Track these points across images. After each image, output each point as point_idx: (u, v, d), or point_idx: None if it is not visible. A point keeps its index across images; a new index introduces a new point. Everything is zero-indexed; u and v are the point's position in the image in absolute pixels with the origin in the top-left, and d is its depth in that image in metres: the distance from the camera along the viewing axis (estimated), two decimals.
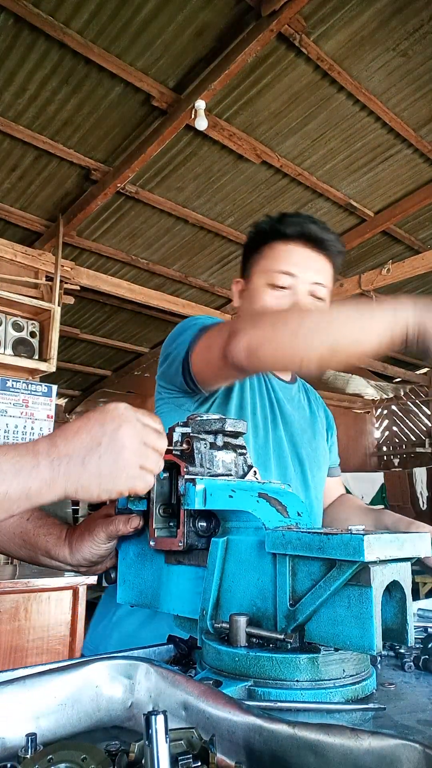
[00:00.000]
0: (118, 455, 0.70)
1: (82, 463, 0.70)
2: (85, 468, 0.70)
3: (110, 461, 0.70)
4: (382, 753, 0.43)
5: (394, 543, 0.60)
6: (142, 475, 0.73)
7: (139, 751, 0.46)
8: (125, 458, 0.71)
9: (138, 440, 0.72)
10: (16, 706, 0.56)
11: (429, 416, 8.12)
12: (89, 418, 0.73)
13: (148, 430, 0.73)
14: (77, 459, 0.70)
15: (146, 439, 0.72)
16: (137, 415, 0.73)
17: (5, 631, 2.62)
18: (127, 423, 0.72)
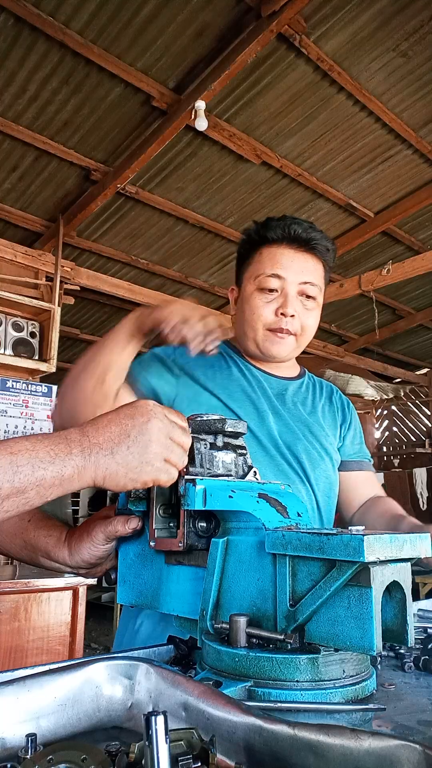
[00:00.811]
0: (146, 447, 0.74)
1: (111, 452, 0.73)
2: (114, 458, 0.73)
3: (138, 452, 0.73)
4: (382, 753, 0.43)
5: (394, 543, 0.60)
6: (166, 468, 0.75)
7: (139, 751, 0.46)
8: (152, 450, 0.74)
9: (165, 434, 0.75)
10: (16, 706, 0.56)
11: (429, 417, 8.12)
12: (119, 412, 0.76)
13: (175, 426, 0.77)
14: (107, 449, 0.73)
15: (173, 434, 0.76)
16: (165, 411, 0.77)
17: (5, 631, 2.62)
18: (155, 418, 0.75)
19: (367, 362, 6.88)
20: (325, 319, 6.05)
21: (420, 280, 5.19)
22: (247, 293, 1.33)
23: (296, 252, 1.30)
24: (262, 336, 1.31)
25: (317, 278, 1.32)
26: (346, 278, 4.97)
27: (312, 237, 1.29)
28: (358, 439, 1.48)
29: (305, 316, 1.32)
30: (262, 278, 1.29)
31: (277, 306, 1.29)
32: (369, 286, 4.53)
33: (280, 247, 1.30)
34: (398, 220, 4.35)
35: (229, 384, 1.31)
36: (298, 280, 1.29)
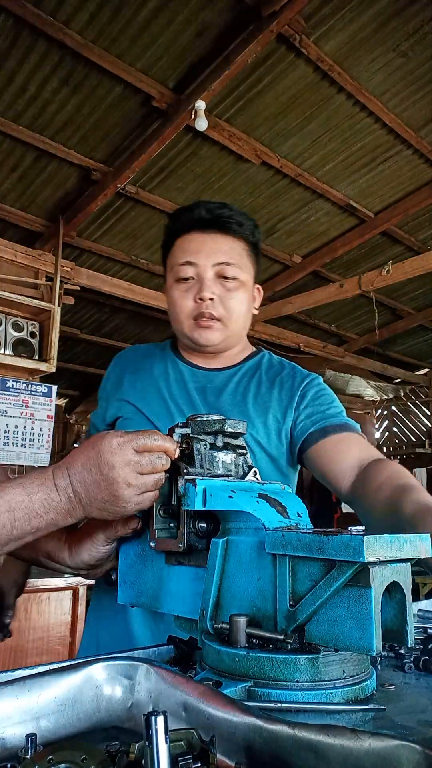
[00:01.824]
0: (118, 492, 0.77)
1: (90, 498, 0.78)
2: (93, 502, 0.78)
3: (112, 498, 0.77)
4: (383, 754, 0.43)
5: (394, 544, 0.60)
6: (143, 499, 0.79)
7: (139, 751, 0.46)
8: (125, 494, 0.77)
9: (133, 473, 0.76)
10: (16, 706, 0.56)
11: (429, 417, 8.12)
12: (89, 456, 0.78)
13: (142, 458, 0.77)
14: (86, 494, 0.78)
15: (141, 468, 0.77)
16: (131, 445, 0.77)
17: None
18: (121, 463, 0.76)
19: (367, 362, 6.87)
20: (324, 319, 6.06)
21: (420, 280, 5.19)
22: (168, 287, 1.32)
23: (206, 235, 1.26)
24: (189, 326, 1.27)
25: (234, 257, 1.27)
26: (346, 278, 4.97)
27: (219, 215, 1.26)
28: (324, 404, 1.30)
29: (227, 298, 1.26)
30: (176, 268, 1.27)
31: (195, 293, 1.25)
32: (369, 286, 4.53)
33: (190, 234, 1.27)
34: (398, 220, 4.35)
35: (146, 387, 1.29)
36: (211, 262, 1.25)
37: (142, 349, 1.42)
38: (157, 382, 1.30)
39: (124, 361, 1.39)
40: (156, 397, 1.28)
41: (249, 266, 1.32)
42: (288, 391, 1.31)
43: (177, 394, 1.28)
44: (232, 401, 1.28)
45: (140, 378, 1.32)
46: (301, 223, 4.37)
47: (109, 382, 1.36)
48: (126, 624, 1.14)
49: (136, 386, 1.30)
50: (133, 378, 1.32)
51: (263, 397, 1.29)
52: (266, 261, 4.84)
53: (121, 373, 1.35)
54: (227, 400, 1.28)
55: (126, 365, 1.37)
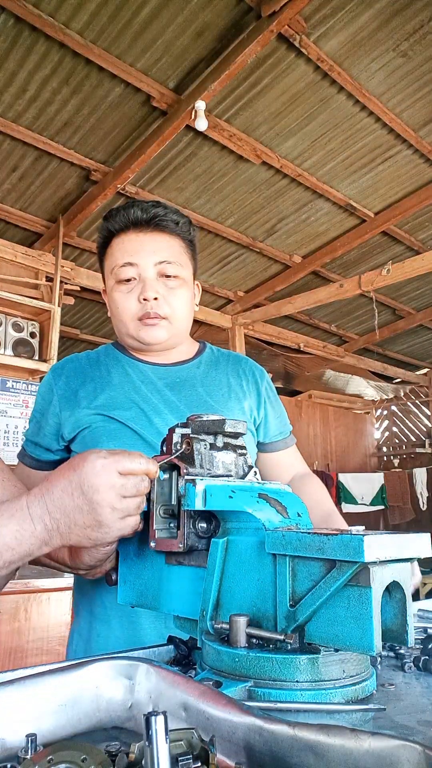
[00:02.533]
0: (101, 517, 0.74)
1: (70, 525, 0.75)
2: (73, 529, 0.75)
3: (94, 523, 0.74)
4: (383, 754, 0.43)
5: (394, 543, 0.60)
6: (126, 524, 0.77)
7: (139, 751, 0.46)
8: (107, 518, 0.74)
9: (117, 497, 0.74)
10: (16, 706, 0.56)
11: (429, 417, 8.12)
12: (70, 480, 0.75)
13: (126, 481, 0.75)
14: (65, 521, 0.75)
15: (125, 491, 0.75)
16: (115, 466, 0.74)
17: (5, 631, 2.62)
18: (104, 486, 0.73)
19: (367, 362, 6.87)
20: (324, 319, 6.06)
21: (420, 280, 5.19)
22: (109, 289, 1.30)
23: (143, 234, 1.26)
24: (134, 327, 1.26)
25: (173, 255, 1.28)
26: (346, 278, 4.97)
27: (154, 215, 1.25)
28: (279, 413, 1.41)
29: (170, 296, 1.26)
30: (116, 270, 1.26)
31: (138, 293, 1.24)
32: (369, 286, 4.53)
33: (127, 234, 1.26)
34: (398, 220, 4.36)
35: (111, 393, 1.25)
36: (152, 262, 1.25)
37: (83, 358, 1.36)
38: (121, 386, 1.27)
39: (69, 372, 1.31)
40: (126, 400, 1.24)
41: (188, 263, 1.34)
42: (252, 384, 1.38)
43: (148, 393, 1.26)
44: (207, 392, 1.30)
45: (99, 386, 1.27)
46: (301, 223, 4.37)
47: (56, 395, 1.28)
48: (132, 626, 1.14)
49: (99, 394, 1.25)
50: (92, 387, 1.27)
51: (234, 387, 1.35)
52: (266, 261, 4.84)
53: (69, 384, 1.28)
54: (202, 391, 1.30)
55: (72, 376, 1.30)
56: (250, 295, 5.26)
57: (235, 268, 4.74)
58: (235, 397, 1.33)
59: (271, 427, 1.38)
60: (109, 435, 1.20)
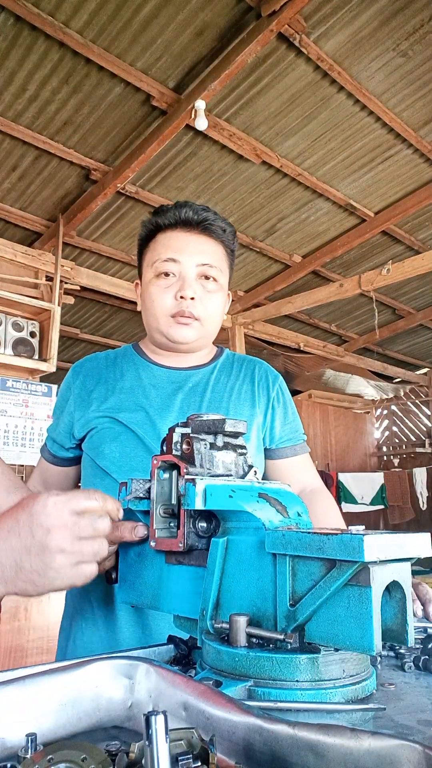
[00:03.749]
0: (51, 561, 0.68)
1: (16, 569, 0.69)
2: (19, 574, 0.69)
3: (42, 567, 0.68)
4: (382, 753, 0.43)
5: (394, 543, 0.60)
6: (79, 572, 0.71)
7: (139, 751, 0.46)
8: (58, 562, 0.68)
9: (71, 539, 0.69)
10: (16, 706, 0.56)
11: (429, 416, 8.12)
12: (18, 520, 0.69)
13: (82, 522, 0.70)
14: (11, 565, 0.68)
15: (81, 532, 0.69)
16: (68, 506, 0.69)
17: (5, 631, 2.62)
18: (56, 526, 0.68)
19: (367, 362, 6.87)
20: (324, 318, 6.06)
21: (420, 280, 5.19)
22: (146, 282, 1.30)
23: (190, 234, 1.27)
24: (165, 323, 1.27)
25: (216, 260, 1.29)
26: (346, 278, 4.97)
27: (204, 218, 1.27)
28: (290, 419, 1.39)
29: (207, 299, 1.28)
30: (158, 264, 1.26)
31: (176, 290, 1.25)
32: (369, 286, 4.53)
33: (174, 231, 1.27)
34: (398, 219, 4.35)
35: (121, 396, 1.27)
36: (195, 262, 1.26)
37: (102, 357, 1.38)
38: (132, 389, 1.28)
39: (86, 372, 1.33)
40: (133, 403, 1.25)
41: (226, 271, 1.35)
42: (264, 390, 1.37)
43: (156, 397, 1.27)
44: (221, 396, 1.31)
45: (111, 388, 1.28)
46: (301, 222, 4.37)
47: (73, 394, 1.30)
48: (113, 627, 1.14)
49: (109, 397, 1.27)
50: (104, 389, 1.28)
51: (245, 392, 1.35)
52: (266, 261, 4.84)
53: (84, 384, 1.31)
54: (211, 397, 1.30)
55: (89, 376, 1.32)
56: (250, 294, 5.26)
57: (235, 267, 4.71)
58: (244, 402, 1.33)
59: (278, 432, 1.36)
60: (112, 437, 1.21)
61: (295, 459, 1.38)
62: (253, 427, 1.32)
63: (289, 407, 1.40)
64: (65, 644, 1.22)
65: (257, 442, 1.33)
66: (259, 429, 1.33)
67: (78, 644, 1.17)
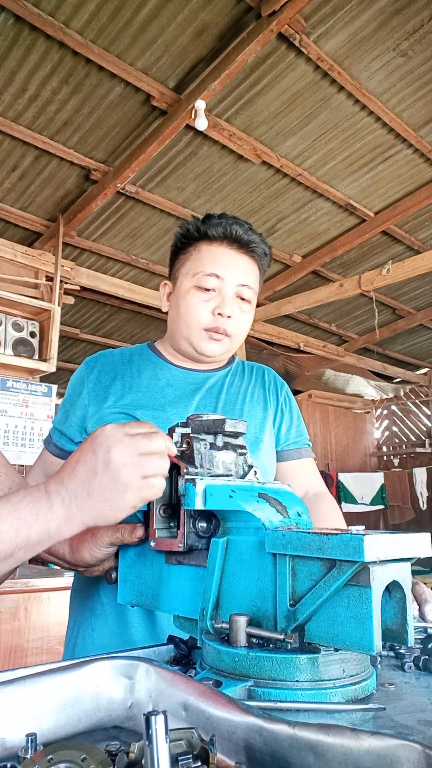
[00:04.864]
0: (117, 476, 0.72)
1: (88, 494, 0.72)
2: (92, 497, 0.72)
3: (111, 484, 0.72)
4: (382, 753, 0.43)
5: (394, 543, 0.60)
6: (147, 484, 0.74)
7: (139, 751, 0.46)
8: (125, 476, 0.72)
9: (131, 454, 0.72)
10: (16, 706, 0.56)
11: (429, 416, 8.12)
12: (83, 448, 0.74)
13: (139, 439, 0.74)
14: (82, 492, 0.72)
15: (140, 449, 0.73)
16: (124, 429, 0.74)
17: (5, 631, 2.62)
18: (116, 443, 0.72)
19: (367, 362, 6.87)
20: (324, 318, 6.06)
21: (420, 280, 5.19)
22: (183, 290, 1.30)
23: (236, 253, 1.28)
24: (198, 335, 1.29)
25: (253, 281, 1.31)
26: (346, 278, 4.97)
27: (252, 240, 1.28)
28: (295, 423, 1.43)
29: (240, 319, 1.31)
30: (200, 276, 1.27)
31: (214, 306, 1.27)
32: (369, 286, 4.53)
33: (221, 246, 1.27)
34: (398, 219, 4.35)
35: (137, 394, 1.28)
36: (236, 281, 1.28)
37: (117, 354, 1.39)
38: (149, 387, 1.30)
39: (101, 367, 1.34)
40: (150, 401, 1.27)
41: (258, 292, 1.37)
42: (273, 394, 1.42)
43: (174, 397, 1.29)
44: (236, 398, 1.35)
45: (128, 385, 1.30)
46: (301, 222, 4.37)
47: (86, 389, 1.31)
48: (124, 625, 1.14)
49: (126, 393, 1.28)
50: (121, 385, 1.29)
51: (257, 396, 1.39)
52: None
53: (99, 379, 1.31)
54: (226, 398, 1.34)
55: (104, 371, 1.33)
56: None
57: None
58: (257, 404, 1.37)
59: (283, 435, 1.40)
60: None
61: (299, 462, 1.42)
62: (266, 429, 1.35)
63: (295, 412, 1.45)
64: (74, 642, 1.22)
65: (271, 444, 1.36)
66: (271, 431, 1.37)
67: (88, 641, 1.18)
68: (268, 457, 1.35)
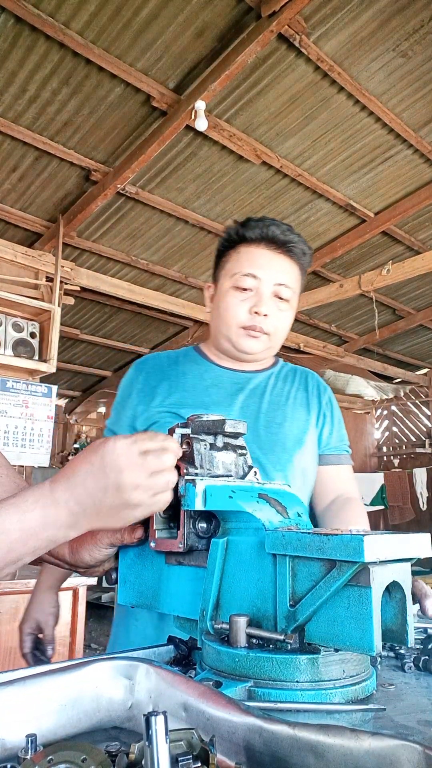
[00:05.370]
0: (129, 498, 0.73)
1: (97, 510, 0.73)
2: (101, 510, 0.73)
3: (122, 503, 0.73)
4: (382, 754, 0.43)
5: (394, 543, 0.60)
6: (156, 500, 0.75)
7: (139, 751, 0.46)
8: (136, 497, 0.73)
9: (143, 476, 0.73)
10: (16, 706, 0.56)
11: (429, 417, 8.11)
12: (92, 462, 0.73)
13: (150, 459, 0.73)
14: (92, 506, 0.73)
15: (151, 468, 0.73)
16: (135, 447, 0.73)
17: (5, 631, 2.62)
18: (128, 467, 0.72)
19: (367, 362, 6.87)
20: (324, 319, 6.06)
21: (420, 280, 5.19)
22: (222, 290, 1.35)
23: (273, 253, 1.31)
24: (236, 333, 1.33)
25: (292, 281, 1.34)
26: (346, 278, 4.97)
27: (290, 239, 1.32)
28: (336, 428, 1.45)
29: (278, 318, 1.34)
30: (238, 277, 1.31)
31: (251, 305, 1.31)
32: (369, 286, 4.53)
33: (258, 247, 1.31)
34: (398, 220, 4.35)
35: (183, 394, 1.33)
36: (273, 281, 1.31)
37: (165, 357, 1.45)
38: (194, 387, 1.35)
39: (149, 369, 1.40)
40: (196, 401, 1.31)
41: (298, 291, 1.40)
42: (315, 398, 1.44)
43: (218, 397, 1.33)
44: (278, 400, 1.38)
45: (174, 385, 1.35)
46: (301, 223, 4.37)
47: (135, 390, 1.37)
48: None
49: (173, 393, 1.33)
50: (167, 384, 1.35)
51: (300, 399, 1.42)
52: None
53: (148, 380, 1.37)
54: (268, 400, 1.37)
55: (151, 373, 1.39)
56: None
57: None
58: (300, 407, 1.40)
59: (324, 439, 1.42)
60: None
61: (337, 468, 1.43)
62: (309, 431, 1.38)
63: (336, 418, 1.46)
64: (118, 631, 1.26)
65: (313, 447, 1.38)
66: (314, 434, 1.39)
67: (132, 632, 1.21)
68: (309, 459, 1.36)
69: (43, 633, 1.37)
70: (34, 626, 1.37)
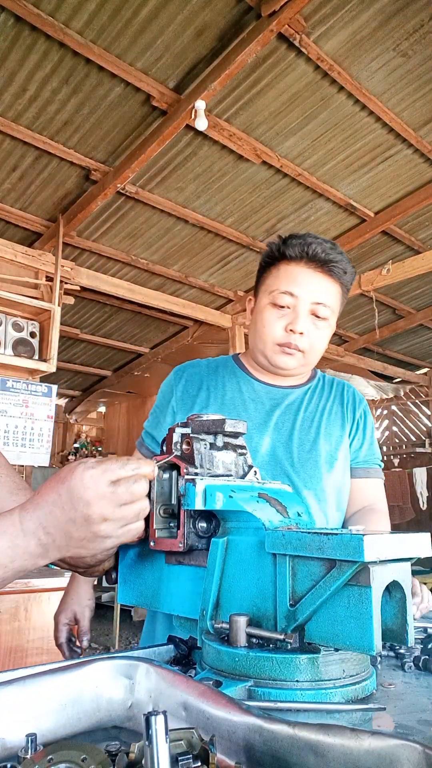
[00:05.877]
0: (97, 530, 0.71)
1: (67, 539, 0.72)
2: (70, 542, 0.72)
3: (90, 535, 0.71)
4: (382, 753, 0.43)
5: (394, 543, 0.60)
6: (126, 531, 0.73)
7: (139, 751, 0.46)
8: (104, 530, 0.71)
9: (111, 508, 0.70)
10: (16, 706, 0.56)
11: (429, 416, 8.11)
12: (59, 493, 0.71)
13: (119, 489, 0.70)
14: (61, 537, 0.71)
15: (121, 499, 0.71)
16: (104, 477, 0.70)
17: (5, 631, 2.62)
18: (95, 498, 0.69)
19: (367, 362, 6.87)
20: None
21: (420, 280, 5.19)
22: (260, 306, 1.37)
23: (313, 271, 1.32)
24: (271, 349, 1.35)
25: (331, 300, 1.35)
26: None
27: (331, 258, 1.31)
28: (367, 441, 1.46)
29: (314, 336, 1.35)
30: (275, 294, 1.32)
31: (287, 322, 1.32)
32: (369, 285, 4.53)
33: (298, 265, 1.32)
34: (398, 219, 4.35)
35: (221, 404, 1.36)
36: (311, 299, 1.31)
37: (204, 365, 1.47)
38: (232, 401, 1.37)
39: (188, 376, 1.42)
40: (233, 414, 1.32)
41: (338, 310, 1.41)
42: (350, 411, 1.45)
43: (254, 412, 1.35)
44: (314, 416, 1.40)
45: (213, 395, 1.37)
46: (301, 222, 4.37)
47: (175, 396, 1.39)
48: None
49: (211, 404, 1.35)
50: (206, 395, 1.37)
51: (336, 412, 1.43)
52: None
53: (187, 389, 1.40)
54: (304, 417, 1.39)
55: (191, 381, 1.41)
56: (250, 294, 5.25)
57: (235, 267, 4.73)
58: (335, 422, 1.41)
59: (353, 452, 1.43)
60: None
61: (367, 481, 1.44)
62: (342, 448, 1.38)
63: (369, 431, 1.47)
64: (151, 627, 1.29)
65: (345, 463, 1.39)
66: (347, 449, 1.40)
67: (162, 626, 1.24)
68: (342, 476, 1.37)
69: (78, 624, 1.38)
70: (71, 617, 1.38)
